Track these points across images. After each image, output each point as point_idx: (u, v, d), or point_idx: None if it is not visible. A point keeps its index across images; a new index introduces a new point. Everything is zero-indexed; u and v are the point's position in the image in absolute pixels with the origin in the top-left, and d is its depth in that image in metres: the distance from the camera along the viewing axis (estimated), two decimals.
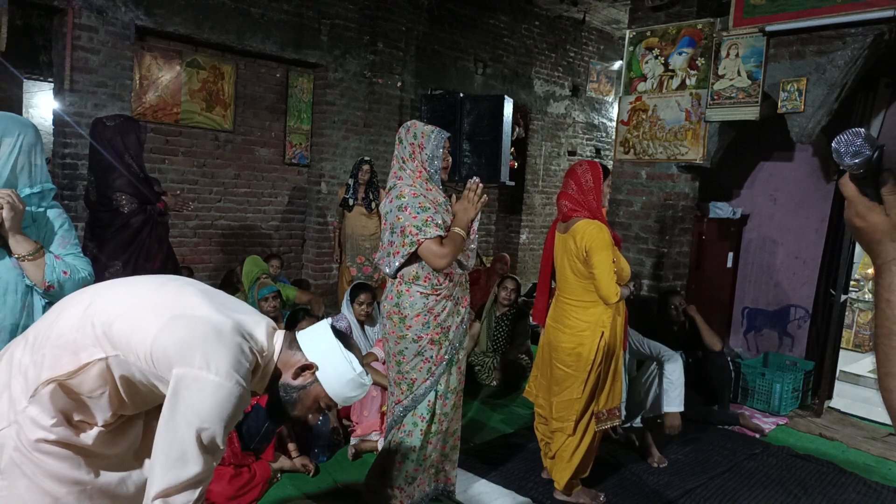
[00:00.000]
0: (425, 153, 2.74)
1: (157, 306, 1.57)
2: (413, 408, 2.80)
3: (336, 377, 1.70)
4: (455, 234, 2.66)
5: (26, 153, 2.04)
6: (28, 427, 1.51)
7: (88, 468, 1.60)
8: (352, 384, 1.72)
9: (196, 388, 1.48)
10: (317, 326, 1.77)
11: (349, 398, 1.76)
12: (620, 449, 3.86)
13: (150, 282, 1.71)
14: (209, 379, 1.48)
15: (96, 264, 3.12)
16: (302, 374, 1.69)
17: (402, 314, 2.73)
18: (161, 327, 1.52)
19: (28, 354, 1.58)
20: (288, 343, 1.71)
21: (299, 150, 6.53)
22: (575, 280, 3.06)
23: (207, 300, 1.62)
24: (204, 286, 1.74)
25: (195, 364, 1.48)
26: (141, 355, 1.53)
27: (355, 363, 1.71)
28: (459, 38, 7.59)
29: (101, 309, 1.58)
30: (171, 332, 1.52)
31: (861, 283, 7.01)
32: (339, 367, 1.70)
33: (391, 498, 2.84)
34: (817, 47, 4.08)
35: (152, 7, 5.16)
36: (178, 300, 1.60)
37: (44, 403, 1.52)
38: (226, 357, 1.51)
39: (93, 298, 1.63)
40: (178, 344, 1.50)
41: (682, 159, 4.78)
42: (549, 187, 8.88)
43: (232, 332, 1.55)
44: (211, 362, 1.49)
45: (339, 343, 1.72)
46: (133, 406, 1.66)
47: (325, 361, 1.69)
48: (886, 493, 3.55)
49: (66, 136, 4.90)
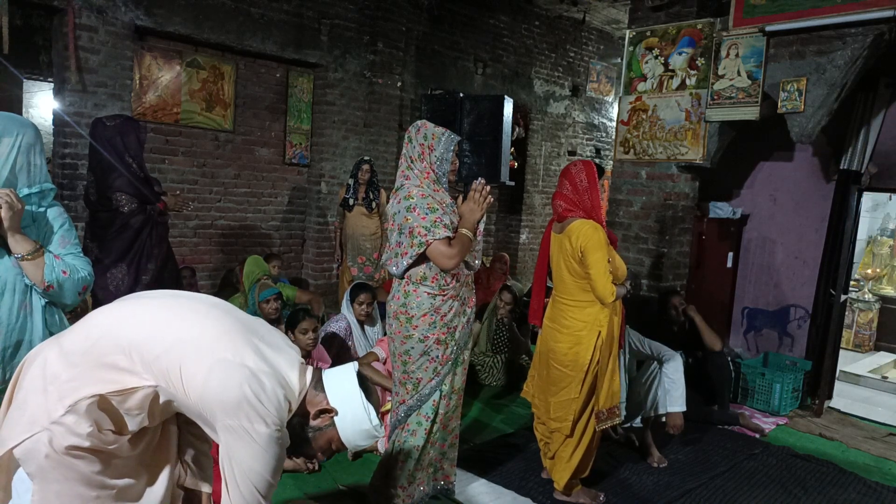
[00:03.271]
0: (435, 155, 2.74)
1: (202, 347, 1.62)
2: (418, 407, 2.80)
3: (352, 426, 1.76)
4: (463, 235, 2.67)
5: (25, 153, 2.03)
6: (61, 434, 1.53)
7: (113, 471, 1.64)
8: (365, 434, 1.78)
9: (246, 440, 1.58)
10: (344, 369, 1.82)
11: (359, 446, 1.83)
12: (620, 449, 3.86)
13: (191, 309, 1.73)
14: (258, 431, 1.58)
15: (97, 264, 3.12)
16: (321, 417, 1.75)
17: (409, 314, 2.74)
18: (208, 375, 1.58)
19: (65, 365, 1.59)
20: (314, 383, 1.76)
21: (299, 150, 6.53)
22: (571, 280, 3.06)
23: (252, 342, 1.67)
24: (247, 319, 1.79)
25: (244, 416, 1.57)
26: (190, 396, 1.60)
27: (373, 415, 1.77)
28: (459, 38, 7.59)
29: (144, 339, 1.62)
30: (219, 383, 1.58)
31: (861, 283, 7.02)
32: (358, 417, 1.75)
33: (394, 497, 2.84)
34: (817, 47, 4.08)
35: (152, 7, 5.16)
36: (221, 341, 1.65)
37: (81, 414, 1.54)
38: (271, 411, 1.60)
39: (143, 319, 1.67)
40: (227, 396, 1.57)
41: (682, 159, 4.78)
42: (549, 187, 8.88)
43: (274, 384, 1.63)
44: (258, 418, 1.58)
45: (361, 393, 1.77)
46: (161, 417, 1.72)
47: (346, 408, 1.75)
48: (886, 493, 3.55)
49: (66, 136, 4.89)
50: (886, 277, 7.26)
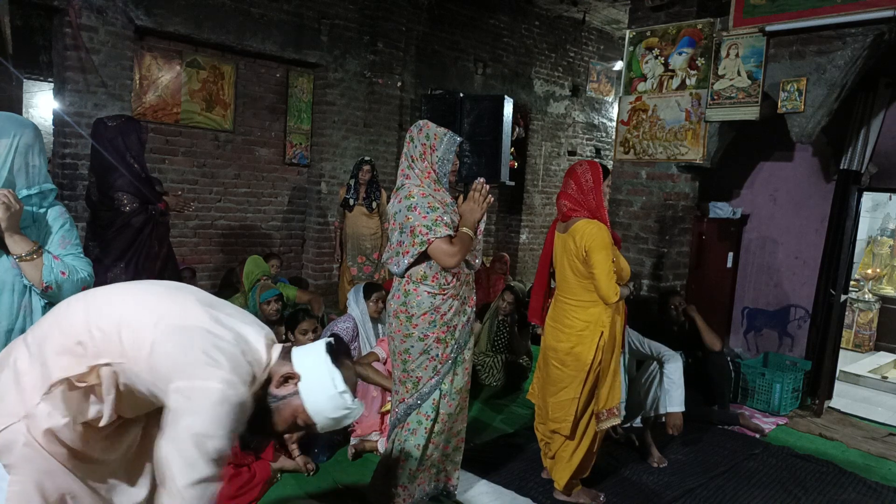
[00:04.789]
0: (436, 155, 2.75)
1: (159, 316, 1.57)
2: (418, 406, 2.80)
3: (317, 392, 1.63)
4: (464, 233, 2.68)
5: (23, 154, 2.02)
6: (38, 422, 1.53)
7: (93, 472, 1.63)
8: (332, 403, 1.64)
9: (196, 398, 1.48)
10: (315, 343, 1.72)
11: (328, 419, 1.67)
12: (620, 449, 3.86)
13: (152, 289, 1.70)
14: (210, 388, 1.48)
15: (97, 264, 3.12)
16: (285, 384, 1.64)
17: (409, 313, 2.75)
18: (160, 338, 1.53)
19: (32, 358, 1.59)
20: (283, 354, 1.67)
21: (299, 150, 6.53)
22: (575, 280, 3.06)
23: (208, 311, 1.62)
24: (207, 296, 1.73)
25: (195, 375, 1.49)
26: (142, 364, 1.54)
27: (338, 381, 1.63)
28: (459, 38, 7.59)
29: (104, 315, 1.59)
30: (171, 343, 1.52)
31: (861, 283, 7.02)
32: (323, 383, 1.63)
33: (395, 496, 2.85)
34: (817, 47, 4.08)
35: (152, 7, 5.16)
36: (178, 310, 1.60)
37: (56, 402, 1.54)
38: (226, 366, 1.51)
39: (95, 303, 1.64)
40: (178, 355, 1.51)
41: (682, 159, 4.78)
42: (549, 187, 8.88)
43: (231, 343, 1.56)
44: (211, 372, 1.49)
45: (328, 357, 1.66)
46: (133, 409, 1.67)
47: (310, 374, 1.64)
48: (886, 493, 3.55)
49: (66, 136, 4.90)
50: (886, 277, 7.27)
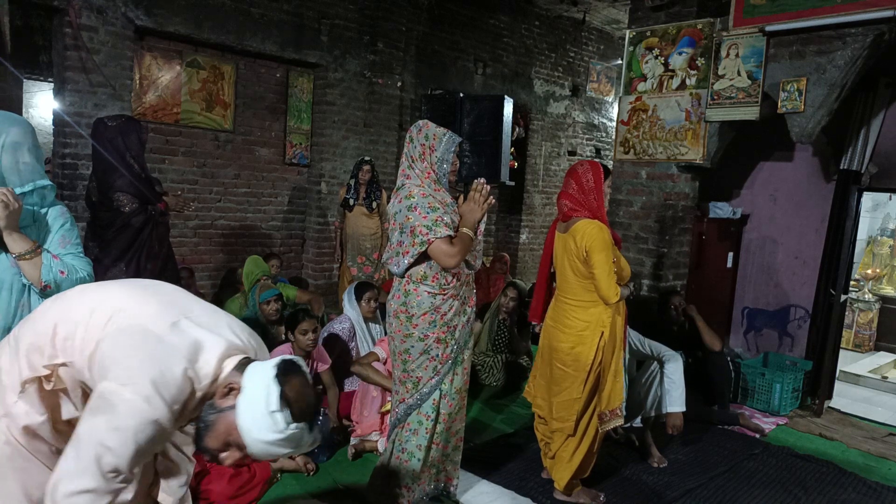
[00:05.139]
0: (436, 155, 2.76)
1: (112, 316, 1.51)
2: (418, 406, 2.81)
3: (249, 408, 1.44)
4: (464, 234, 2.68)
5: (11, 152, 1.98)
6: (17, 419, 1.54)
7: None
8: (262, 423, 1.43)
9: (113, 404, 1.39)
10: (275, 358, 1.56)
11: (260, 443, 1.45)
12: (620, 449, 3.86)
13: (120, 289, 1.64)
14: (128, 399, 1.38)
15: (97, 264, 3.12)
16: (226, 396, 1.49)
17: (409, 313, 2.75)
18: (105, 337, 1.47)
19: (10, 354, 1.60)
20: (238, 366, 1.52)
21: (299, 150, 6.53)
22: (575, 280, 3.06)
23: (170, 315, 1.52)
24: (180, 298, 1.65)
25: (120, 379, 1.40)
26: (87, 362, 1.49)
27: (273, 398, 1.43)
28: (459, 38, 7.58)
29: (68, 315, 1.56)
30: (113, 343, 1.46)
31: (861, 283, 7.02)
32: (256, 396, 1.44)
33: (398, 497, 2.85)
34: (817, 47, 4.08)
35: (152, 7, 5.16)
36: (135, 311, 1.52)
37: (32, 400, 1.55)
38: (156, 380, 1.40)
39: (64, 303, 1.62)
40: (114, 356, 1.44)
41: (682, 159, 4.78)
42: (549, 187, 8.88)
43: (179, 355, 1.45)
44: (137, 382, 1.39)
45: (273, 371, 1.47)
46: None
47: (249, 387, 1.47)
48: (886, 493, 3.55)
49: (66, 136, 4.89)
50: (886, 277, 7.27)
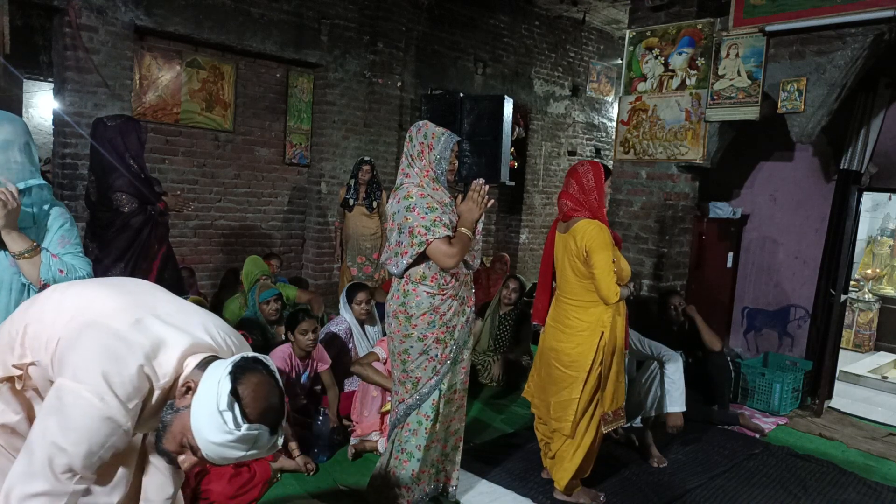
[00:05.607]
0: (433, 154, 2.76)
1: (74, 313, 1.50)
2: (417, 406, 2.81)
3: (200, 406, 1.40)
4: (462, 234, 2.69)
5: (2, 150, 1.97)
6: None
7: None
8: (211, 422, 1.38)
9: (67, 402, 1.37)
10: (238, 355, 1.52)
11: (211, 444, 1.39)
12: (620, 449, 3.86)
13: (90, 287, 1.62)
14: (82, 396, 1.36)
15: (96, 264, 3.12)
16: (185, 396, 1.46)
17: (409, 313, 2.75)
18: (66, 333, 1.46)
19: None
20: (200, 365, 1.47)
21: (299, 150, 6.53)
22: (575, 280, 3.06)
23: (136, 313, 1.49)
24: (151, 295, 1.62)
25: (76, 377, 1.38)
26: (49, 360, 1.48)
27: (223, 397, 1.37)
28: (459, 38, 7.58)
29: (40, 315, 1.55)
30: (72, 340, 1.44)
31: (861, 283, 7.02)
32: (208, 394, 1.39)
33: (398, 497, 2.85)
34: (817, 47, 4.08)
35: (152, 7, 5.16)
36: (98, 308, 1.50)
37: (7, 399, 1.55)
38: (112, 379, 1.37)
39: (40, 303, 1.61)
40: (72, 352, 1.43)
41: (682, 159, 4.78)
42: (549, 187, 8.88)
43: (138, 354, 1.42)
44: (92, 380, 1.36)
45: (228, 368, 1.42)
46: None
47: (203, 385, 1.42)
48: (886, 493, 3.55)
49: (66, 136, 4.89)
50: (886, 277, 7.26)
